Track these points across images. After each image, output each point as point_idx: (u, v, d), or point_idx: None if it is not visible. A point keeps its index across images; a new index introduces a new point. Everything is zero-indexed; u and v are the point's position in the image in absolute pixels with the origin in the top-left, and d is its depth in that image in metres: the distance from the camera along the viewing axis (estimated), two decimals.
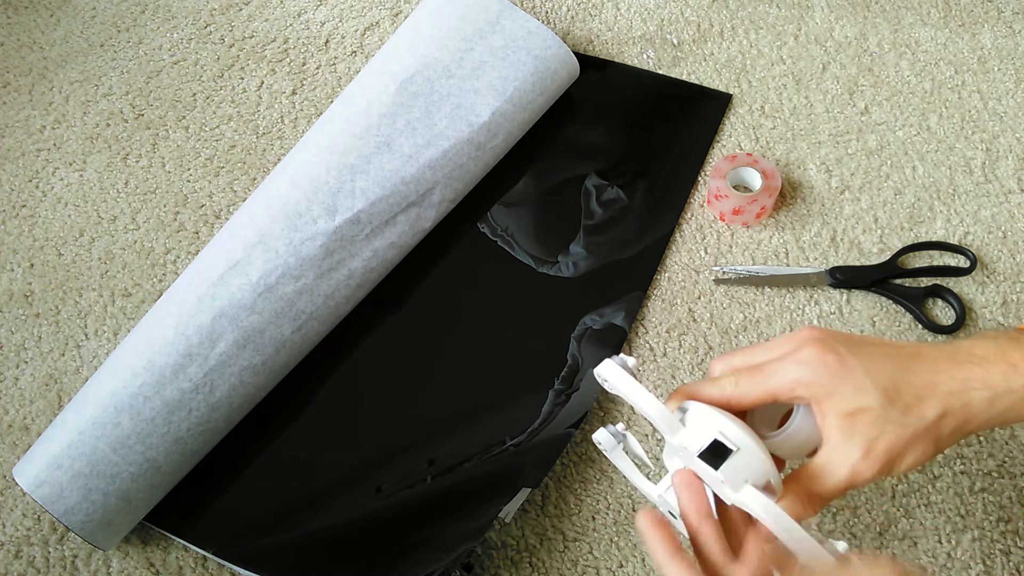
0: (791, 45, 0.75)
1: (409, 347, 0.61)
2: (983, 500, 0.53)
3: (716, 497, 0.39)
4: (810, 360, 0.39)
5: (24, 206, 0.69)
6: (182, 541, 0.54)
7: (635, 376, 0.41)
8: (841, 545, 0.38)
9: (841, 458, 0.38)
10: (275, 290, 0.55)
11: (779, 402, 0.41)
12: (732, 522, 0.40)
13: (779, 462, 0.42)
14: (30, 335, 0.62)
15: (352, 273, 0.58)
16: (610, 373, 0.41)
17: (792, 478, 0.40)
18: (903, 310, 0.61)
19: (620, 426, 0.44)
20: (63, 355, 0.61)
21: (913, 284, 0.62)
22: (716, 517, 0.39)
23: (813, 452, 0.42)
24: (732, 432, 0.38)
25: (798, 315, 0.61)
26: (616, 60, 0.75)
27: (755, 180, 0.65)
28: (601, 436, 0.44)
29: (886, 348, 0.41)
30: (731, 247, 0.64)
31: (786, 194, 0.67)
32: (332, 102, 0.71)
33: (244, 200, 0.68)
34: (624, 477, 0.54)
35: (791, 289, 0.62)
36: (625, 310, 0.61)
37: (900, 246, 0.63)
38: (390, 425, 0.57)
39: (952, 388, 0.39)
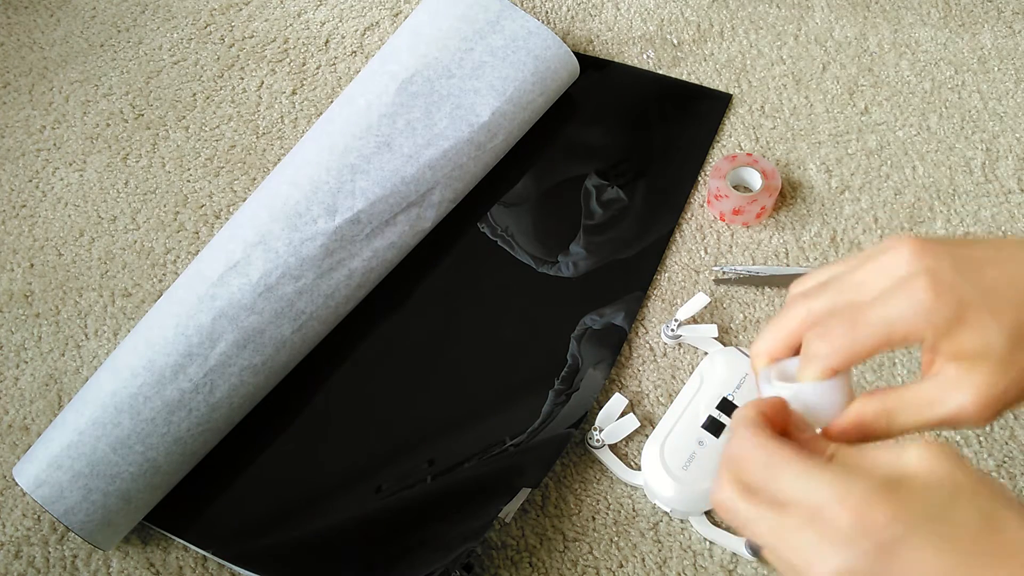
0: (791, 45, 0.75)
1: (409, 347, 0.61)
2: None
3: None
4: (924, 301, 0.33)
5: (24, 206, 0.69)
6: (182, 541, 0.54)
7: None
8: None
9: (947, 398, 0.34)
10: (275, 290, 0.56)
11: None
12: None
13: None
14: (30, 335, 0.62)
15: (352, 273, 0.58)
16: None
17: (873, 397, 0.35)
18: None
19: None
20: (63, 355, 0.61)
21: None
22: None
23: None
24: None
25: None
26: (616, 60, 0.75)
27: (755, 180, 0.65)
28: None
29: (1006, 266, 0.34)
30: (731, 247, 0.64)
31: (786, 194, 0.67)
32: (332, 102, 0.71)
33: (244, 200, 0.68)
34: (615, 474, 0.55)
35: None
36: (625, 310, 0.61)
37: None
38: (390, 425, 0.57)
39: None
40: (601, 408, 0.57)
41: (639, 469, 0.54)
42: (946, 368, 0.34)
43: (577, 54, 0.71)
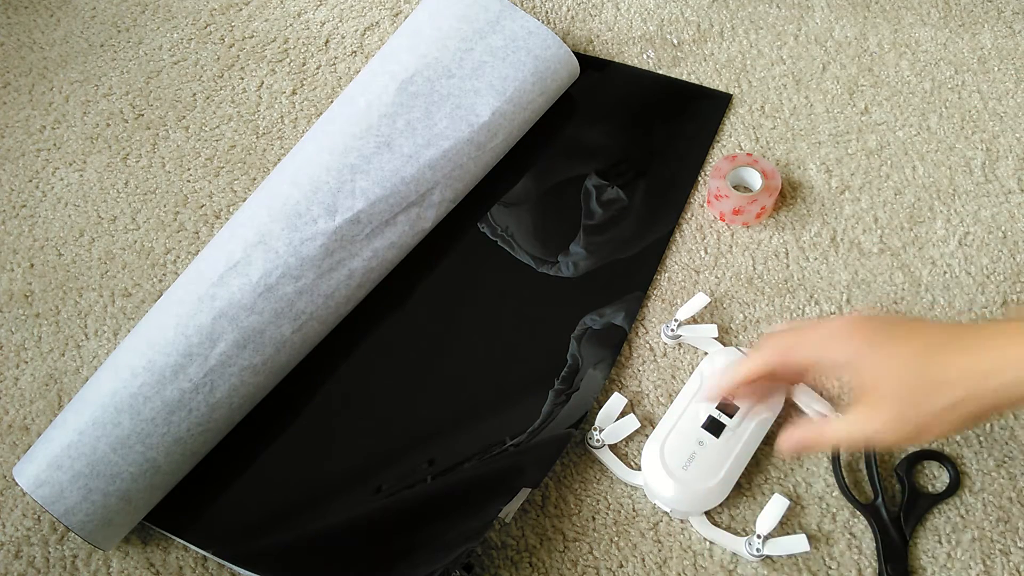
0: (791, 45, 0.75)
1: (409, 347, 0.61)
2: (983, 500, 0.53)
3: None
4: (836, 334, 0.46)
5: (24, 206, 0.69)
6: (182, 541, 0.54)
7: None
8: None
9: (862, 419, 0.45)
10: (275, 290, 0.56)
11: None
12: None
13: None
14: (30, 335, 0.62)
15: (352, 273, 0.58)
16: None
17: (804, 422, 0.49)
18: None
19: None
20: (63, 355, 0.61)
21: None
22: None
23: None
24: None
25: (798, 315, 0.61)
26: (616, 60, 0.75)
27: (755, 180, 0.65)
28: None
29: (920, 334, 0.45)
30: (731, 247, 0.64)
31: (786, 194, 0.67)
32: (332, 102, 0.71)
33: (244, 200, 0.68)
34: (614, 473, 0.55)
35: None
36: (625, 310, 0.61)
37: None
38: (390, 425, 0.57)
39: (981, 369, 0.41)
40: (601, 408, 0.57)
41: (639, 469, 0.54)
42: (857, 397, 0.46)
43: (577, 54, 0.71)
